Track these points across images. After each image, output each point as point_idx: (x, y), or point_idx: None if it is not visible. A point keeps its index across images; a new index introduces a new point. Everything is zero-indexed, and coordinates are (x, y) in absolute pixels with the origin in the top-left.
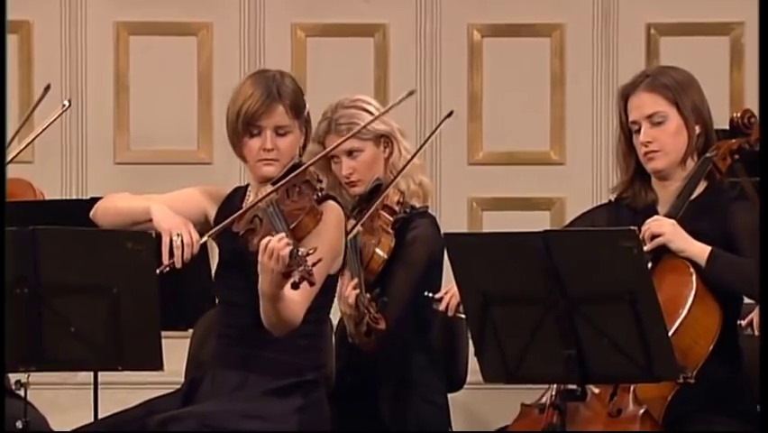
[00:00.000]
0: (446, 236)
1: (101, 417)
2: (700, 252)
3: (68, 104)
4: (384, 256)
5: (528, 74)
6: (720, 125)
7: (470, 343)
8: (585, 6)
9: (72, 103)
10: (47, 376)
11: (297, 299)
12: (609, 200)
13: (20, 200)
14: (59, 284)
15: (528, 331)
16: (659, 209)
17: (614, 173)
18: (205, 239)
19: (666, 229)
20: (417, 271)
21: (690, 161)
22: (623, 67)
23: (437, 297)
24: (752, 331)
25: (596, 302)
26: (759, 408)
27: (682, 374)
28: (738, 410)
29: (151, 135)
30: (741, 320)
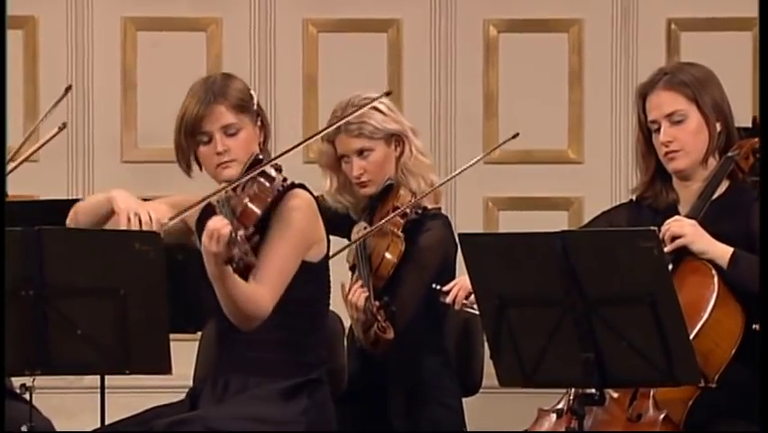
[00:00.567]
0: (461, 237)
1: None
2: (722, 253)
3: (62, 126)
4: (394, 260)
5: (546, 71)
6: (743, 123)
7: (485, 346)
8: (604, 1)
9: (78, 100)
10: (52, 380)
11: (262, 291)
12: (630, 199)
13: (25, 200)
14: (64, 286)
15: (545, 334)
16: (680, 209)
17: (633, 172)
18: (166, 222)
19: (687, 230)
20: (429, 275)
21: (712, 160)
22: (643, 63)
23: (445, 289)
24: None
25: (615, 304)
26: (759, 408)
27: (703, 378)
28: (761, 415)
29: (159, 133)
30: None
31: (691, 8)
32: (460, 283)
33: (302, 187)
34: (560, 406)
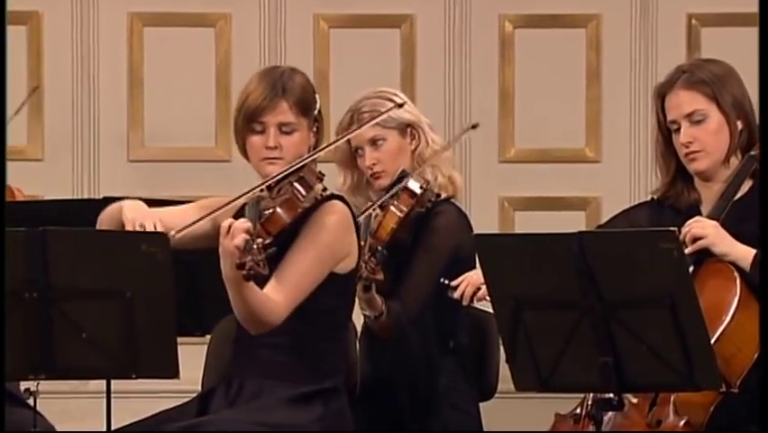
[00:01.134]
0: (476, 237)
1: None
2: (744, 255)
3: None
4: (392, 225)
5: (563, 67)
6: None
7: (500, 349)
8: None
9: (84, 97)
10: (57, 385)
11: (277, 299)
12: (651, 198)
13: (28, 200)
14: (69, 288)
15: (562, 337)
16: (702, 210)
17: (652, 171)
18: (173, 234)
19: (708, 231)
20: (440, 259)
21: (735, 159)
22: (662, 59)
23: (453, 284)
24: None
25: (633, 307)
26: (759, 408)
27: (725, 383)
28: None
29: (167, 132)
30: None
31: (712, 3)
32: (468, 278)
33: (341, 199)
34: (577, 411)
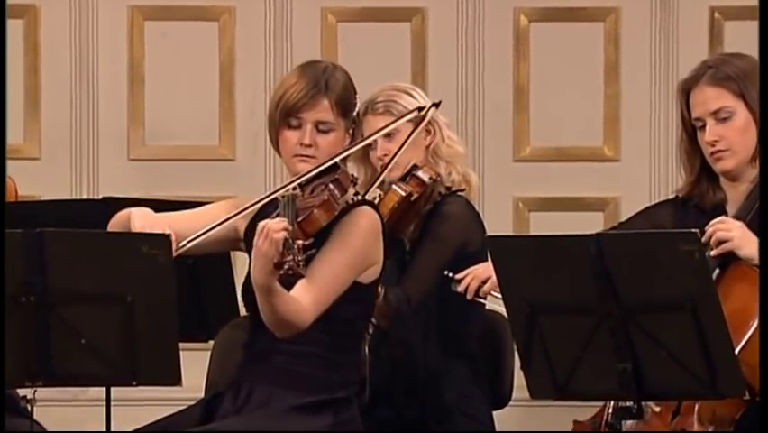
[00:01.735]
0: (490, 239)
1: None
2: None
3: None
4: (392, 204)
5: (580, 62)
6: None
7: (515, 355)
8: None
9: (82, 94)
10: (55, 392)
11: (305, 303)
12: (675, 195)
13: (24, 201)
14: (68, 291)
15: (579, 343)
16: (728, 209)
17: (673, 170)
18: (184, 243)
19: (734, 234)
20: (446, 250)
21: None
22: (684, 54)
23: (458, 277)
24: None
25: (653, 311)
26: (760, 408)
27: (750, 391)
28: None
29: (168, 130)
30: None
31: None
32: (474, 271)
33: (371, 205)
34: (597, 419)
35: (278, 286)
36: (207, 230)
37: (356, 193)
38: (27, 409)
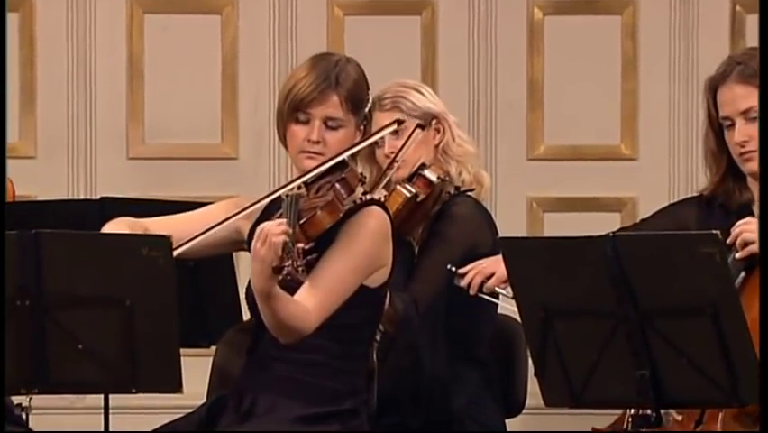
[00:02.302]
0: (502, 241)
1: None
2: None
3: None
4: (397, 205)
5: (596, 57)
6: None
7: (528, 361)
8: None
9: (80, 90)
10: (51, 399)
11: (308, 307)
12: (700, 194)
13: (19, 201)
14: (64, 295)
15: (595, 348)
16: (755, 210)
17: (693, 170)
18: (177, 247)
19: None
20: (454, 250)
21: None
22: (704, 48)
23: (461, 271)
24: None
25: (672, 316)
26: (760, 408)
27: None
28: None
29: (169, 127)
30: None
31: None
32: (478, 266)
33: (381, 205)
34: (616, 427)
35: (278, 290)
36: (203, 232)
37: (364, 192)
38: (22, 418)
